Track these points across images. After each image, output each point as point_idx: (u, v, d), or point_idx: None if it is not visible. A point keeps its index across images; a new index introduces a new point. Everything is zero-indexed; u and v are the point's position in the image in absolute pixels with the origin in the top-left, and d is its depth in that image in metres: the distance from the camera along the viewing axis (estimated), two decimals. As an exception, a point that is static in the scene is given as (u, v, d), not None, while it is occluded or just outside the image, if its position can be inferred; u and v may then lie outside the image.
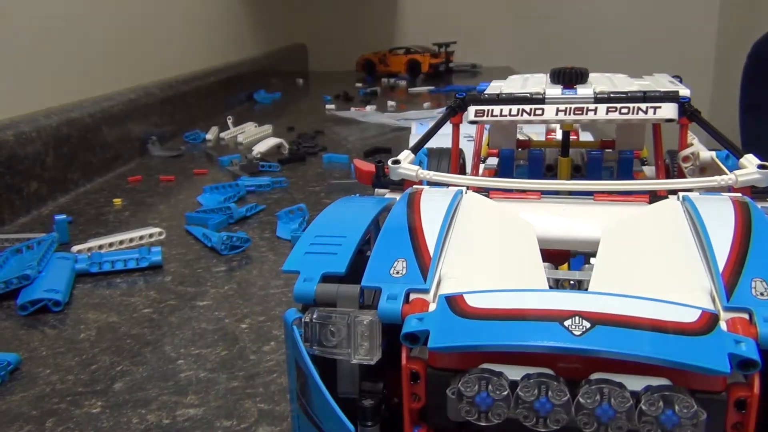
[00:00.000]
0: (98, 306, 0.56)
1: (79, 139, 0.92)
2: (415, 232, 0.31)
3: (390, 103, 1.57)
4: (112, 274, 0.62)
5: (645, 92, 0.39)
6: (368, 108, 1.49)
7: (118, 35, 1.12)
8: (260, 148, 1.05)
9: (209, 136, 1.25)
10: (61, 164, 0.87)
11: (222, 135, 1.25)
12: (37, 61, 0.89)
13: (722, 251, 0.27)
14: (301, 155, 1.06)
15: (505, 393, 0.24)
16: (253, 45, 1.88)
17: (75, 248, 0.66)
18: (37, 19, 0.89)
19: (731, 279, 0.26)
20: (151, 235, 0.70)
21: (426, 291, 0.27)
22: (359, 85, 1.96)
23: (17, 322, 0.53)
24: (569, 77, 0.42)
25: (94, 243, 0.67)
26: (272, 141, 1.08)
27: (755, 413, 0.23)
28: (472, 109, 0.41)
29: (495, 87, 0.46)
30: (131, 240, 0.69)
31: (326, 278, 0.29)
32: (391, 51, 2.18)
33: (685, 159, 0.43)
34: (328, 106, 1.56)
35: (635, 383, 0.23)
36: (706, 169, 0.44)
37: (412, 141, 0.94)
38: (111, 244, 0.67)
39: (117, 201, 0.85)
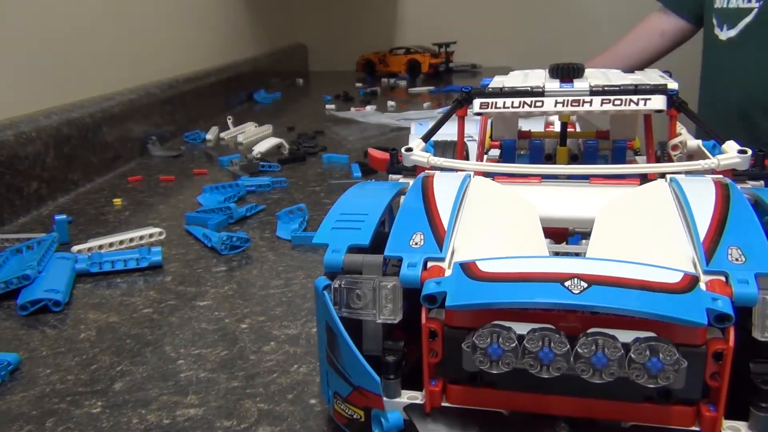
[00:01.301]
0: (98, 306, 0.56)
1: (80, 139, 0.92)
2: (430, 209, 0.35)
3: (390, 103, 1.57)
4: (112, 274, 0.62)
5: (636, 85, 0.42)
6: (368, 108, 1.49)
7: (118, 35, 1.12)
8: (260, 148, 1.05)
9: (209, 136, 1.25)
10: (61, 164, 0.87)
11: (222, 135, 1.25)
12: (37, 61, 0.89)
13: (703, 223, 0.31)
14: (301, 155, 1.06)
15: (514, 345, 0.27)
16: (253, 45, 1.88)
17: (75, 248, 0.66)
18: (37, 19, 0.89)
19: (710, 247, 0.29)
20: (151, 235, 0.70)
21: (442, 259, 0.31)
22: (359, 85, 1.96)
23: (17, 322, 0.53)
24: (567, 72, 0.44)
25: (94, 243, 0.67)
26: (272, 141, 1.08)
27: (730, 364, 0.26)
28: (477, 102, 0.44)
29: (498, 81, 0.48)
30: (131, 240, 0.69)
31: (351, 250, 0.32)
32: (391, 51, 2.18)
33: (674, 147, 0.46)
34: (328, 106, 1.56)
35: (626, 336, 0.26)
36: (693, 156, 0.47)
37: (412, 141, 0.94)
38: (111, 244, 0.67)
39: (117, 201, 0.85)
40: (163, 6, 1.31)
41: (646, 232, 0.33)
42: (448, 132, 0.48)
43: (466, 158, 0.50)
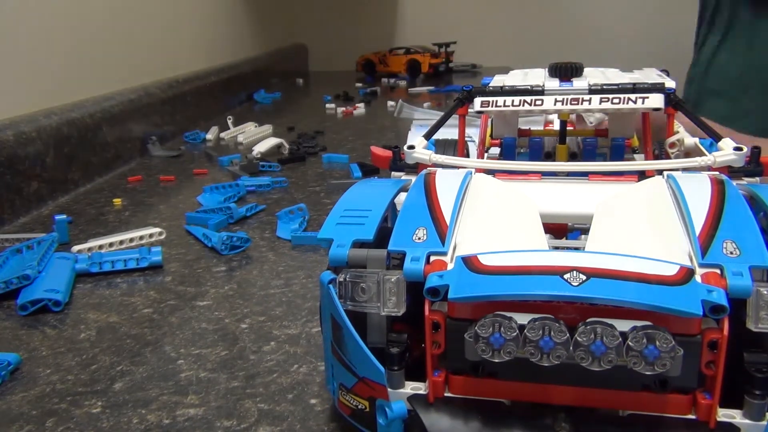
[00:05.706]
0: (98, 306, 0.56)
1: (80, 139, 0.92)
2: (432, 205, 0.35)
3: (390, 103, 1.57)
4: (112, 274, 0.62)
5: (634, 84, 0.43)
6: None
7: (118, 35, 1.12)
8: (260, 148, 1.05)
9: (209, 136, 1.25)
10: (61, 164, 0.87)
11: (222, 135, 1.25)
12: (37, 61, 0.89)
13: (699, 218, 0.32)
14: (301, 155, 1.06)
15: (515, 334, 0.28)
16: (253, 45, 1.88)
17: (75, 248, 0.66)
18: (38, 19, 0.89)
19: (706, 240, 0.30)
20: (151, 235, 0.70)
21: (444, 253, 0.31)
22: (359, 85, 1.96)
23: (17, 322, 0.53)
24: (566, 71, 0.45)
25: (94, 243, 0.67)
26: (272, 141, 1.09)
27: (725, 352, 0.27)
28: (478, 101, 0.45)
29: (498, 81, 0.49)
30: (131, 240, 0.69)
31: (355, 244, 0.33)
32: (391, 51, 2.18)
33: (672, 145, 0.47)
34: (328, 106, 1.56)
35: (623, 325, 0.27)
36: (690, 154, 0.48)
37: (410, 141, 0.94)
38: (111, 244, 0.67)
39: (117, 201, 0.85)
40: (163, 6, 1.31)
41: (643, 226, 0.34)
42: (452, 125, 0.49)
43: (467, 157, 0.51)
